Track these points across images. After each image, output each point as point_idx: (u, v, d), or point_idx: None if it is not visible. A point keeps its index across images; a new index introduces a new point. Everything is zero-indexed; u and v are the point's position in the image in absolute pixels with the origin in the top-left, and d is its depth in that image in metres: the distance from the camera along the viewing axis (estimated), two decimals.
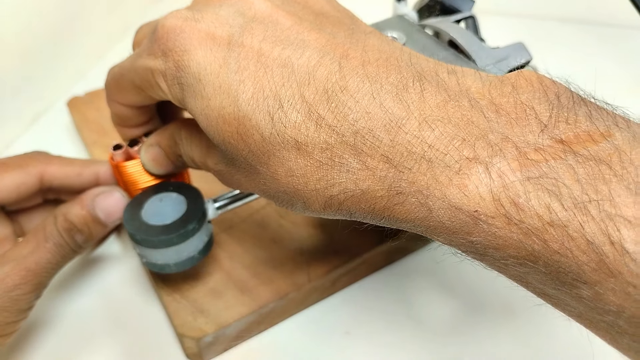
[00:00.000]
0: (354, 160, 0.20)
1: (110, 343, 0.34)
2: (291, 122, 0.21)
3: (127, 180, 0.33)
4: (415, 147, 0.19)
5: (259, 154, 0.22)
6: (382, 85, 0.20)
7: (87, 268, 0.38)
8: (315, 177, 0.21)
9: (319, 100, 0.21)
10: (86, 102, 0.50)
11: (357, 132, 0.20)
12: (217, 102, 0.22)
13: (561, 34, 0.60)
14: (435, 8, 0.37)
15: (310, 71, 0.21)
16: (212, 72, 0.22)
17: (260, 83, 0.22)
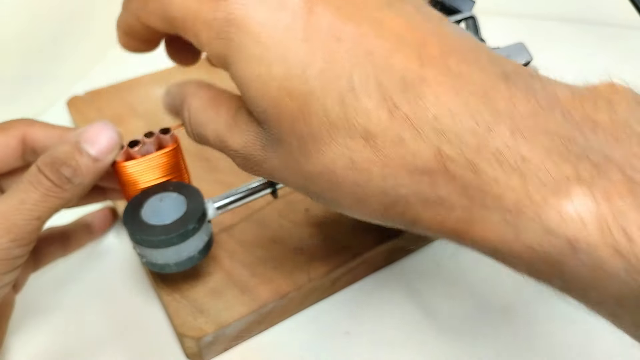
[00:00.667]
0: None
1: (110, 343, 0.34)
2: (362, 108, 0.19)
3: (126, 180, 0.33)
4: (506, 157, 0.17)
5: (319, 138, 0.19)
6: (466, 83, 0.18)
7: (87, 268, 0.38)
8: (380, 174, 0.19)
9: (396, 88, 0.18)
10: (86, 101, 0.50)
11: (436, 129, 0.18)
12: (281, 70, 0.20)
13: (561, 34, 0.60)
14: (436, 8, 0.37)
15: (387, 55, 0.19)
16: (275, 35, 0.20)
17: (331, 57, 0.19)
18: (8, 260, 0.27)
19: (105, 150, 0.30)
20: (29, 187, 0.28)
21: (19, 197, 0.27)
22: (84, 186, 0.29)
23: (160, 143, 0.34)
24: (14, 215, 0.27)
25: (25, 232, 0.27)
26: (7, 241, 0.26)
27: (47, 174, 0.28)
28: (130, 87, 0.52)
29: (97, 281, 0.38)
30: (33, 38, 0.52)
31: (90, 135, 0.29)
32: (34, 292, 0.36)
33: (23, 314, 0.35)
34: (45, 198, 0.28)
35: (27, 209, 0.27)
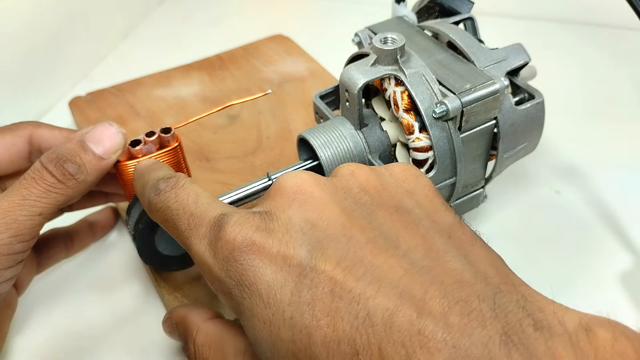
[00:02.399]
0: None
1: (111, 342, 0.34)
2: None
3: (128, 179, 0.34)
4: None
5: None
6: (466, 350, 0.18)
7: (88, 268, 0.39)
8: None
9: (397, 357, 0.18)
10: (88, 102, 0.51)
11: None
12: (287, 335, 0.20)
13: (559, 35, 0.61)
14: (435, 10, 0.37)
15: (387, 318, 0.19)
16: (282, 299, 0.21)
17: (334, 322, 0.20)
18: (9, 256, 0.27)
19: (109, 149, 0.30)
20: (31, 183, 0.28)
21: (20, 192, 0.27)
22: (87, 183, 0.29)
23: (162, 142, 0.34)
24: (15, 211, 0.27)
25: (27, 228, 0.27)
26: (8, 237, 0.27)
27: (51, 169, 0.28)
28: (131, 88, 0.52)
29: (99, 280, 0.38)
30: (35, 39, 0.52)
31: (95, 134, 0.30)
32: (36, 290, 0.37)
33: (25, 312, 0.36)
34: (48, 194, 0.28)
35: (29, 204, 0.27)
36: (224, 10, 0.70)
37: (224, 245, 0.22)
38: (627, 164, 0.44)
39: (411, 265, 0.20)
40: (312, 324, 0.20)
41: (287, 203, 0.23)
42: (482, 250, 0.23)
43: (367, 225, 0.22)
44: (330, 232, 0.22)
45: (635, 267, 0.36)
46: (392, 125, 0.34)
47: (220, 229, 0.22)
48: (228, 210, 0.23)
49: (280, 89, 0.51)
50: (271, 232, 0.22)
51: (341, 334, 0.19)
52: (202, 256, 0.23)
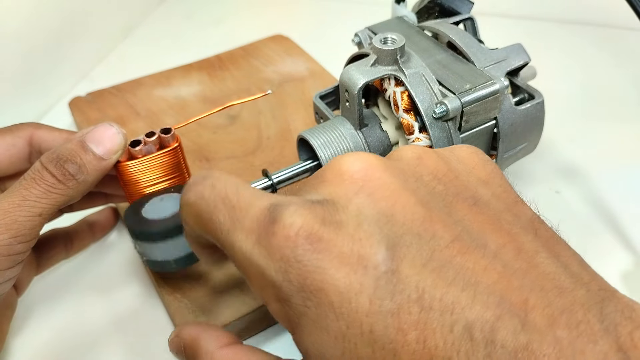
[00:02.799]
0: None
1: (111, 342, 0.34)
2: None
3: (128, 179, 0.34)
4: None
5: None
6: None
7: (89, 268, 0.39)
8: None
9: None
10: (88, 102, 0.51)
11: None
12: (367, 352, 0.17)
13: (559, 35, 0.61)
14: (434, 10, 0.37)
15: (487, 332, 0.16)
16: (359, 308, 0.17)
17: (424, 336, 0.17)
18: (9, 257, 0.27)
19: (110, 150, 0.30)
20: (31, 183, 0.28)
21: (20, 193, 0.27)
22: (87, 184, 0.29)
23: (162, 143, 0.34)
24: (15, 212, 0.27)
25: (27, 229, 0.27)
26: (8, 237, 0.26)
27: (51, 169, 0.28)
28: (131, 88, 0.52)
29: (99, 281, 0.38)
30: (35, 39, 0.52)
31: (96, 135, 0.30)
32: (36, 291, 0.37)
33: (25, 312, 0.36)
34: (48, 194, 0.28)
35: (29, 205, 0.27)
36: (224, 10, 0.70)
37: (280, 241, 0.18)
38: (627, 163, 0.44)
39: (505, 268, 0.18)
40: (397, 339, 0.17)
41: (352, 190, 0.19)
42: (568, 249, 0.20)
43: (448, 220, 0.19)
44: (410, 225, 0.18)
45: (635, 267, 0.36)
46: (392, 125, 0.34)
47: (275, 222, 0.18)
48: (280, 199, 0.19)
49: (280, 89, 0.51)
50: (340, 226, 0.18)
51: (434, 351, 0.16)
52: (249, 256, 0.19)
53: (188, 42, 0.64)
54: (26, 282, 0.34)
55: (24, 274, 0.34)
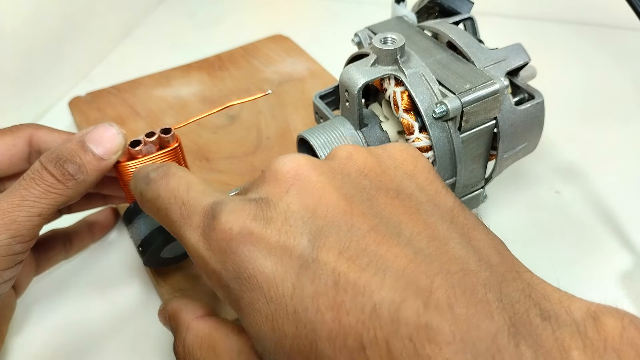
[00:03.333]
0: None
1: (111, 342, 0.34)
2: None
3: (128, 180, 0.34)
4: None
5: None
6: (474, 343, 0.17)
7: (88, 268, 0.39)
8: None
9: (405, 351, 0.18)
10: (88, 102, 0.51)
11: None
12: (291, 330, 0.19)
13: (559, 35, 0.61)
14: (434, 10, 0.37)
15: (393, 311, 0.18)
16: (284, 292, 0.20)
17: (339, 316, 0.19)
18: (9, 257, 0.27)
19: (109, 150, 0.30)
20: (30, 183, 0.28)
21: (20, 193, 0.27)
22: (87, 184, 0.29)
23: (162, 143, 0.34)
24: (14, 212, 0.27)
25: (26, 229, 0.27)
26: (7, 237, 0.26)
27: (51, 169, 0.28)
28: (131, 88, 0.52)
29: (99, 280, 0.38)
30: (35, 39, 0.52)
31: (95, 135, 0.30)
32: (35, 291, 0.37)
33: (24, 312, 0.36)
34: (47, 194, 0.28)
35: (28, 205, 0.27)
36: (224, 10, 0.70)
37: (219, 235, 0.21)
38: (627, 163, 0.44)
39: (416, 254, 0.20)
40: (316, 319, 0.19)
41: (284, 189, 0.22)
42: (484, 234, 0.22)
43: (368, 212, 0.21)
44: (331, 218, 0.21)
45: (635, 267, 0.36)
46: (392, 125, 0.34)
47: (214, 218, 0.21)
48: (222, 198, 0.22)
49: (280, 89, 0.51)
50: (269, 221, 0.21)
51: (347, 329, 0.19)
52: (195, 248, 0.22)
53: (188, 42, 0.64)
54: (25, 282, 0.34)
55: (23, 274, 0.34)
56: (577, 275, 0.36)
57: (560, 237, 0.39)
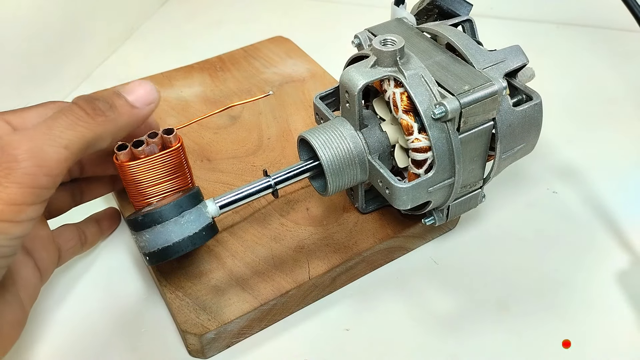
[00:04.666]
0: None
1: (114, 340, 0.34)
2: None
3: (131, 180, 0.34)
4: None
5: None
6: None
7: (92, 268, 0.39)
8: None
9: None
10: None
11: None
12: None
13: (557, 37, 0.61)
14: (434, 12, 0.37)
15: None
16: None
17: None
18: (34, 190, 0.25)
19: (143, 99, 0.30)
20: (58, 115, 0.27)
21: (47, 123, 0.26)
22: (117, 125, 0.29)
23: (164, 143, 0.34)
24: (40, 139, 0.26)
25: (52, 160, 0.26)
26: (32, 165, 0.25)
27: (81, 103, 0.28)
28: None
29: (101, 279, 0.38)
30: (38, 40, 0.52)
31: (129, 86, 0.30)
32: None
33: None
34: (75, 126, 0.27)
35: (55, 134, 0.26)
36: (225, 12, 0.71)
37: None
38: (624, 164, 0.45)
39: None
40: None
41: None
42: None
43: None
44: None
45: (632, 267, 0.37)
46: (391, 126, 0.34)
47: None
48: None
49: (281, 90, 0.51)
50: None
51: None
52: None
53: (189, 43, 0.65)
54: (50, 270, 0.34)
55: (48, 261, 0.33)
56: (574, 274, 0.37)
57: (558, 236, 0.39)
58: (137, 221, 0.30)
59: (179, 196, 0.31)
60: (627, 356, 0.32)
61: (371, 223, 0.38)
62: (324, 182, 0.34)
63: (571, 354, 0.33)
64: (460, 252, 0.39)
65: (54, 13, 0.54)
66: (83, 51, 0.59)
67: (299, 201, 0.40)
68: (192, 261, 0.36)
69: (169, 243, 0.30)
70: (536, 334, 0.34)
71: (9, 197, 0.24)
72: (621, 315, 0.34)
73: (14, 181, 0.24)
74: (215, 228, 0.32)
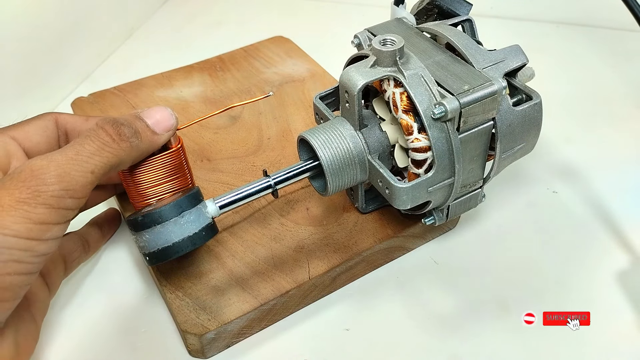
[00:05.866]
0: None
1: (114, 340, 0.34)
2: None
3: (130, 181, 0.34)
4: None
5: None
6: None
7: (92, 268, 0.39)
8: None
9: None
10: (90, 102, 0.51)
11: None
12: None
13: (556, 37, 0.61)
14: (433, 11, 0.37)
15: None
16: None
17: None
18: (60, 210, 0.27)
19: (163, 126, 0.32)
20: (85, 140, 0.28)
21: (75, 148, 0.28)
22: (139, 151, 0.30)
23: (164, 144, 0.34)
24: (68, 165, 0.27)
25: (79, 184, 0.27)
26: (60, 189, 0.26)
27: (107, 128, 0.29)
28: (133, 89, 0.52)
29: (102, 280, 0.38)
30: (38, 41, 0.52)
31: (151, 112, 0.32)
32: None
33: None
34: (101, 152, 0.28)
35: (82, 160, 0.27)
36: (225, 12, 0.71)
37: None
38: (623, 163, 0.45)
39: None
40: None
41: None
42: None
43: None
44: None
45: (632, 266, 0.37)
46: (391, 126, 0.34)
47: None
48: None
49: (281, 90, 0.51)
50: None
51: None
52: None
53: (189, 43, 0.65)
54: (57, 283, 0.35)
55: (55, 275, 0.34)
56: (574, 274, 0.37)
57: (558, 236, 0.39)
58: (137, 221, 0.30)
59: (179, 196, 0.31)
60: (627, 356, 0.32)
61: (371, 223, 0.38)
62: (323, 182, 0.34)
63: (571, 354, 0.33)
64: (460, 252, 0.39)
65: (54, 13, 0.54)
66: (83, 51, 0.59)
67: (299, 201, 0.40)
68: (192, 261, 0.36)
69: (169, 243, 0.30)
70: (537, 334, 0.34)
71: (38, 217, 0.26)
72: (622, 314, 0.34)
73: (42, 203, 0.26)
74: (215, 228, 0.32)
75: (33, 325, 0.31)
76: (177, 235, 0.30)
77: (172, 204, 0.30)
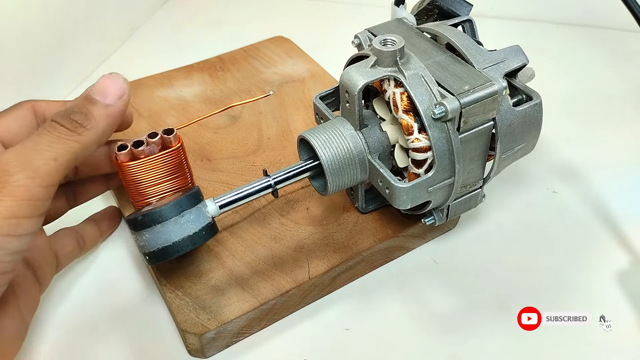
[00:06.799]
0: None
1: (114, 339, 0.34)
2: None
3: (131, 180, 0.34)
4: None
5: None
6: None
7: (92, 267, 0.39)
8: None
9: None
10: None
11: None
12: None
13: (557, 37, 0.61)
14: (434, 12, 0.37)
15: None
16: None
17: None
18: (30, 202, 0.26)
19: (114, 95, 0.31)
20: (42, 132, 0.28)
21: (33, 139, 0.27)
22: (99, 131, 0.30)
23: (164, 143, 0.35)
24: (29, 154, 0.27)
25: (44, 172, 0.26)
26: (25, 177, 0.26)
27: (59, 120, 0.28)
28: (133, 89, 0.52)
29: (101, 279, 0.38)
30: (38, 41, 0.52)
31: (98, 86, 0.31)
32: None
33: None
34: (59, 140, 0.28)
35: (42, 149, 0.27)
36: (225, 12, 0.71)
37: None
38: (624, 164, 0.45)
39: None
40: None
41: None
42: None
43: None
44: None
45: (632, 267, 0.37)
46: (391, 126, 0.34)
47: None
48: None
49: (281, 90, 0.51)
50: None
51: None
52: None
53: (189, 43, 0.65)
54: (49, 278, 0.34)
55: (47, 270, 0.34)
56: (574, 274, 0.37)
57: (558, 236, 0.39)
58: (137, 221, 0.30)
59: (179, 196, 0.31)
60: (627, 356, 0.32)
61: (371, 223, 0.38)
62: (324, 182, 0.34)
63: (571, 354, 0.33)
64: (460, 252, 0.39)
65: (53, 13, 0.54)
66: (83, 51, 0.59)
67: (299, 201, 0.40)
68: (192, 261, 0.36)
69: (169, 243, 0.30)
70: (536, 334, 0.34)
71: (6, 210, 0.25)
72: (622, 314, 0.34)
73: (8, 194, 0.25)
74: (215, 228, 0.32)
75: (21, 323, 0.30)
76: (177, 234, 0.30)
77: (172, 204, 0.30)
